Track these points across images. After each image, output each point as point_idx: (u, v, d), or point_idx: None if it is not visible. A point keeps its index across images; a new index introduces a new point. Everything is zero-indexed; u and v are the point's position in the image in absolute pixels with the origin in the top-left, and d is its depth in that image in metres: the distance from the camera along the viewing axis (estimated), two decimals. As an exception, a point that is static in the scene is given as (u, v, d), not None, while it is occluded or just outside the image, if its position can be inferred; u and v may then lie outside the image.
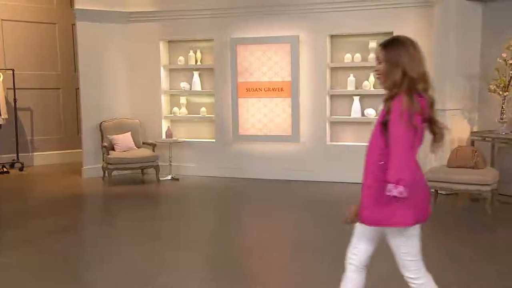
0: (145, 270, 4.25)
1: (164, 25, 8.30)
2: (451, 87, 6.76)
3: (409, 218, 2.51)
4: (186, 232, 5.50)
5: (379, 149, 2.50)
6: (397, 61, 2.46)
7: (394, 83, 2.47)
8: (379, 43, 2.62)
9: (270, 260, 4.61)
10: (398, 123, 2.39)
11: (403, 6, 7.21)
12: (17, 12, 9.38)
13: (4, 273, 4.22)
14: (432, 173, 6.15)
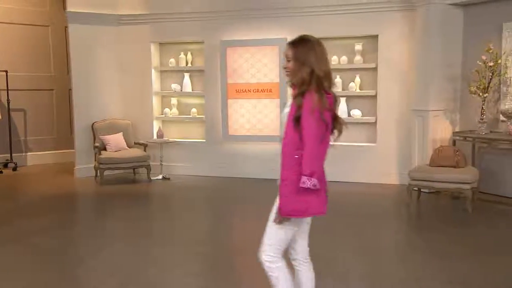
0: (133, 266, 4.27)
1: (155, 28, 8.31)
2: (434, 88, 6.85)
3: (322, 207, 2.67)
4: (175, 230, 5.53)
5: (294, 144, 2.56)
6: (305, 60, 2.55)
7: (302, 80, 2.54)
8: (288, 42, 2.68)
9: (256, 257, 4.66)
10: (310, 119, 2.48)
11: (387, 10, 7.27)
12: (11, 14, 9.35)
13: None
14: (414, 172, 6.24)
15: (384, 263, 4.36)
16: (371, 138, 7.70)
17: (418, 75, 6.98)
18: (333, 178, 3.23)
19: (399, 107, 7.38)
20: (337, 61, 7.68)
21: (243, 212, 6.33)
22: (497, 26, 6.42)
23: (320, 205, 2.66)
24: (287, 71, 2.65)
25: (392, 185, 7.40)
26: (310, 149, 2.51)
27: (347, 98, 7.71)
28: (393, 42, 7.33)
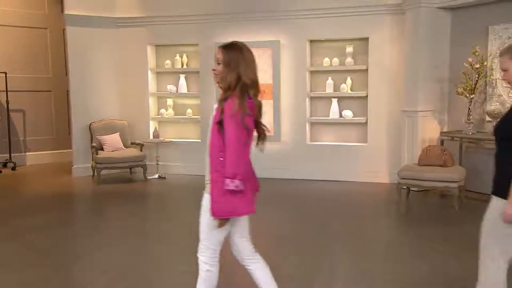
0: (127, 264, 4.30)
1: (151, 30, 8.34)
2: (422, 90, 6.91)
3: (250, 207, 2.69)
4: (170, 228, 5.55)
5: (218, 147, 2.60)
6: (234, 66, 2.57)
7: (229, 85, 2.58)
8: (219, 45, 2.68)
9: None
10: (231, 122, 2.52)
11: (378, 13, 7.33)
12: (10, 17, 9.36)
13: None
14: (403, 171, 6.30)
15: (372, 259, 4.40)
16: (362, 138, 7.76)
17: (407, 77, 7.04)
18: (324, 177, 3.28)
19: (389, 108, 7.44)
20: (329, 63, 7.74)
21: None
22: (483, 29, 6.48)
23: (247, 205, 2.67)
24: (215, 74, 2.66)
25: (382, 183, 7.45)
26: (231, 152, 2.54)
27: (339, 99, 7.77)
28: (383, 44, 7.39)
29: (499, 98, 6.33)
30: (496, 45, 6.33)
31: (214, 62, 2.65)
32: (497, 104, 6.28)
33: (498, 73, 6.34)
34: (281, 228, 5.50)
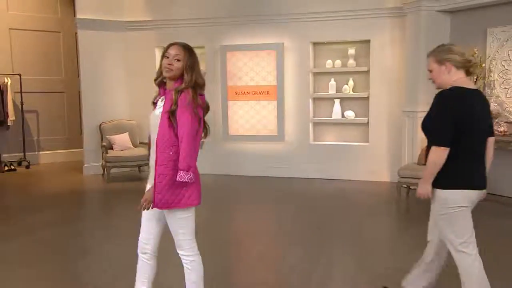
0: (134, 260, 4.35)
1: (159, 33, 8.36)
2: (423, 91, 6.85)
3: (197, 199, 2.71)
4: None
5: (168, 141, 2.60)
6: (194, 67, 2.65)
7: (185, 81, 2.62)
8: (182, 44, 2.72)
9: (248, 246, 4.74)
10: (186, 113, 2.56)
11: (379, 16, 7.32)
12: (25, 21, 9.46)
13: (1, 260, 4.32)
14: (403, 170, 6.29)
15: (370, 254, 4.40)
16: (364, 137, 7.75)
17: (408, 78, 7.03)
18: (327, 176, 3.29)
19: (390, 108, 7.43)
20: (331, 65, 7.74)
21: (240, 206, 6.40)
22: (482, 32, 6.45)
23: (195, 197, 2.70)
24: (171, 68, 2.64)
25: (383, 182, 7.44)
26: (186, 144, 2.55)
27: (341, 99, 7.77)
28: (384, 46, 7.38)
29: (497, 99, 6.29)
30: (495, 47, 6.30)
31: (170, 58, 2.64)
32: (495, 105, 6.24)
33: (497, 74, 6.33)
34: (283, 224, 5.52)
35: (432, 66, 2.86)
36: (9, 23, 9.44)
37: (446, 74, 2.87)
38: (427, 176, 2.84)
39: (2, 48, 9.24)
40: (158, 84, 2.76)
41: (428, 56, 2.90)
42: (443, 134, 2.76)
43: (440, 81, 2.91)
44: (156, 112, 2.70)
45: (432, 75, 2.88)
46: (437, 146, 2.78)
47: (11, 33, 9.44)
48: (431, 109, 2.89)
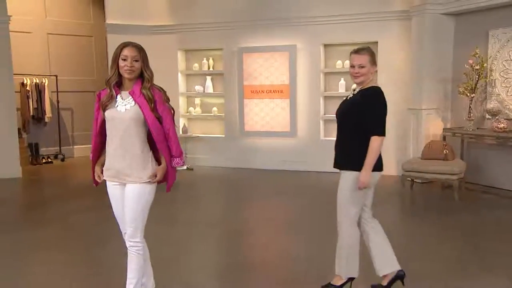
0: (151, 245, 4.43)
1: (181, 37, 8.44)
2: (427, 89, 6.81)
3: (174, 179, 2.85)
4: (196, 212, 5.65)
5: (163, 133, 2.67)
6: (148, 63, 2.71)
7: (148, 79, 2.68)
8: (134, 45, 2.73)
9: (260, 235, 4.78)
10: (166, 107, 2.68)
11: (386, 19, 7.25)
12: (61, 27, 9.68)
13: (34, 244, 4.45)
14: (408, 164, 6.24)
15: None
16: (371, 134, 7.69)
17: (413, 78, 6.95)
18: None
19: (396, 106, 7.31)
20: (341, 65, 7.69)
21: (256, 198, 6.44)
22: (484, 33, 6.33)
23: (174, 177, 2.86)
24: (133, 70, 2.66)
25: (390, 176, 7.34)
26: (173, 134, 2.70)
27: (350, 98, 7.73)
28: (391, 48, 7.30)
29: (498, 97, 6.17)
30: (496, 48, 6.18)
31: (128, 59, 2.65)
32: (496, 103, 6.13)
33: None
34: (294, 214, 5.54)
35: (366, 63, 2.96)
36: (47, 29, 9.67)
37: (371, 74, 3.02)
38: (370, 164, 3.01)
39: (41, 52, 9.48)
40: (112, 84, 2.68)
41: (362, 53, 2.99)
42: (383, 125, 3.04)
43: (365, 79, 3.02)
44: (121, 109, 2.65)
45: (363, 71, 2.97)
46: (378, 136, 2.99)
47: (48, 38, 9.67)
48: (371, 104, 2.99)
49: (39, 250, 4.26)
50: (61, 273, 3.69)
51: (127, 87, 2.71)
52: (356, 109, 3.01)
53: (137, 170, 2.68)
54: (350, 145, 3.06)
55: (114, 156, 2.70)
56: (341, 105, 3.16)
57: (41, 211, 5.66)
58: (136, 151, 2.67)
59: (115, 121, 2.66)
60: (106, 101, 2.68)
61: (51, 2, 9.75)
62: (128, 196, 2.71)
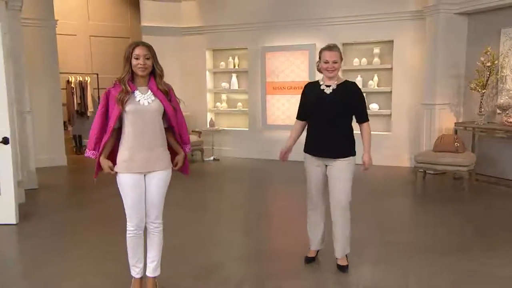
0: (178, 228, 4.55)
1: (209, 37, 8.55)
2: (440, 85, 6.73)
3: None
4: (221, 198, 5.79)
5: (182, 123, 2.84)
6: (157, 60, 2.74)
7: (160, 74, 2.74)
8: (145, 44, 2.73)
9: (279, 219, 4.90)
10: (176, 100, 2.80)
11: (401, 19, 7.17)
12: (102, 29, 10.00)
13: (77, 222, 4.68)
14: (419, 156, 6.19)
15: (389, 228, 4.40)
16: (387, 127, 7.66)
17: (427, 74, 6.87)
18: (356, 161, 3.42)
19: (411, 102, 7.30)
20: (358, 63, 7.67)
21: (276, 186, 6.52)
22: (496, 32, 6.19)
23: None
24: (146, 67, 2.68)
25: (404, 167, 7.35)
26: (185, 123, 2.86)
27: (367, 94, 7.66)
28: (406, 46, 7.23)
29: (508, 93, 6.04)
30: (507, 46, 6.04)
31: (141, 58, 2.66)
32: (507, 98, 6.01)
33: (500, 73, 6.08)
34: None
35: (338, 59, 3.13)
36: (90, 31, 10.01)
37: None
38: (370, 147, 3.30)
39: (84, 52, 9.83)
40: (126, 81, 2.68)
41: (334, 50, 3.13)
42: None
43: (337, 73, 3.19)
44: (144, 102, 2.67)
45: (336, 65, 3.13)
46: (368, 122, 3.29)
47: (91, 40, 10.01)
48: (360, 96, 3.24)
49: (81, 228, 4.49)
50: (99, 248, 3.88)
51: (140, 83, 2.72)
52: (346, 101, 3.15)
53: (162, 158, 2.76)
54: (345, 134, 3.19)
55: (139, 147, 2.67)
56: (322, 99, 3.17)
57: (83, 195, 5.91)
58: (160, 140, 2.74)
59: (140, 114, 2.65)
60: (123, 97, 2.64)
61: (93, 8, 10.07)
62: (154, 183, 2.75)
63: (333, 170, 3.20)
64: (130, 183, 2.72)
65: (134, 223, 2.78)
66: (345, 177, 3.19)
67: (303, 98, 3.32)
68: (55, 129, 7.75)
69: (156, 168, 2.75)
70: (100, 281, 3.22)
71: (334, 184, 3.22)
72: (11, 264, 3.73)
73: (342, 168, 3.18)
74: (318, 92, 3.21)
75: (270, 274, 3.29)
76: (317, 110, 3.18)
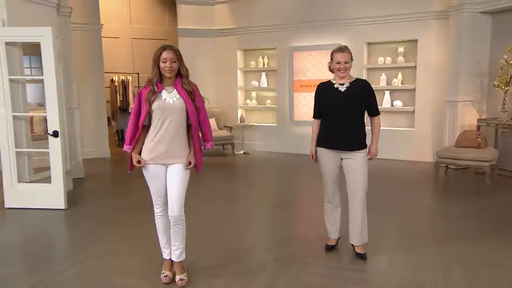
0: (208, 215, 4.67)
1: (240, 38, 8.62)
2: (464, 83, 6.55)
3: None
4: (251, 189, 5.86)
5: (198, 120, 2.82)
6: (183, 62, 2.79)
7: (186, 75, 2.79)
8: (171, 48, 2.80)
9: (305, 208, 4.94)
10: (201, 99, 2.81)
11: (425, 19, 7.01)
12: (142, 32, 10.24)
13: (117, 209, 4.87)
14: (442, 151, 6.08)
15: (411, 219, 4.35)
16: (410, 123, 7.52)
17: (451, 72, 6.70)
18: (379, 156, 3.47)
19: (434, 98, 7.14)
20: (383, 61, 7.56)
21: (302, 179, 6.53)
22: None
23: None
24: (172, 70, 2.76)
25: (426, 162, 7.20)
26: (208, 122, 2.88)
27: (391, 91, 7.58)
28: (430, 45, 7.07)
29: (532, 89, 5.83)
30: (532, 43, 5.82)
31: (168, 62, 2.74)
32: (530, 95, 5.80)
33: None
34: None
35: (349, 60, 3.20)
36: (132, 34, 10.28)
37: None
38: (378, 139, 3.38)
39: (126, 53, 10.11)
40: (155, 82, 2.77)
41: (346, 51, 3.20)
42: None
43: (348, 72, 3.24)
44: (170, 101, 2.76)
45: (348, 66, 3.19)
46: (379, 115, 3.36)
47: (132, 42, 10.29)
48: (372, 92, 3.29)
49: (122, 213, 4.69)
50: (136, 232, 4.04)
51: (167, 83, 2.81)
52: (360, 97, 3.22)
53: (183, 152, 2.83)
54: (360, 128, 3.23)
55: (162, 141, 2.77)
56: (338, 97, 3.21)
57: (123, 184, 6.11)
58: (182, 135, 2.82)
59: (165, 111, 2.75)
60: (151, 96, 2.75)
61: (135, 12, 10.34)
62: (175, 175, 2.81)
63: (351, 162, 3.24)
64: (152, 172, 2.85)
65: (159, 205, 2.93)
66: (363, 167, 3.24)
67: (318, 97, 3.35)
68: (100, 124, 8.02)
69: (176, 161, 2.82)
70: (137, 261, 3.37)
71: (353, 175, 3.25)
72: (61, 243, 3.96)
73: (360, 159, 3.23)
74: (333, 91, 3.26)
75: (292, 260, 3.34)
76: (334, 107, 3.23)
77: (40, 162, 5.31)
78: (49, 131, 4.62)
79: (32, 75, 6.27)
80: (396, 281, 2.98)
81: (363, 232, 3.32)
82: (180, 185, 2.81)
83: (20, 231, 4.19)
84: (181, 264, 2.98)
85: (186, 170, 2.84)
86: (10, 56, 4.62)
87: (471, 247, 3.57)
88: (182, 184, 2.82)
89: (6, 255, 3.54)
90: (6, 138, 4.68)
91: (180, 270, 2.97)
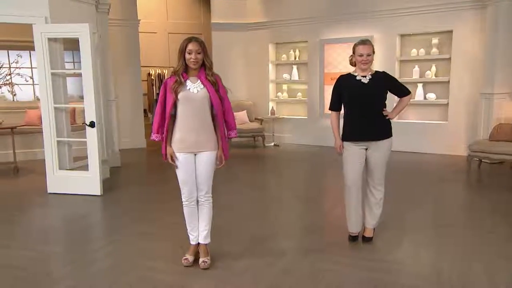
0: (235, 203, 4.75)
1: (272, 31, 8.64)
2: (500, 75, 6.29)
3: None
4: (280, 179, 5.93)
5: (222, 109, 2.89)
6: (207, 54, 2.85)
7: (210, 67, 2.84)
8: (197, 40, 2.84)
9: (327, 200, 4.95)
10: (224, 89, 2.85)
11: (461, 9, 6.76)
12: (177, 27, 10.49)
13: (151, 196, 5.06)
14: (475, 145, 5.91)
15: (443, 214, 4.29)
16: (443, 117, 7.30)
17: (487, 64, 6.44)
18: (411, 149, 3.48)
19: (468, 91, 6.90)
20: (415, 53, 7.36)
21: (328, 170, 6.53)
22: (563, 18, 5.65)
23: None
24: (197, 61, 2.83)
25: (460, 156, 6.97)
26: (232, 112, 2.95)
27: (424, 84, 7.39)
28: (465, 36, 6.81)
29: None
30: None
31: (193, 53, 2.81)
32: None
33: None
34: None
35: (371, 52, 3.21)
36: (168, 29, 10.56)
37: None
38: (399, 112, 3.45)
39: (163, 48, 10.40)
40: (180, 73, 2.85)
41: (368, 44, 3.21)
42: None
43: (370, 65, 3.28)
44: (194, 90, 2.85)
45: (370, 58, 3.22)
46: (410, 94, 3.38)
47: (169, 36, 10.56)
48: (393, 78, 3.38)
49: (154, 200, 4.87)
50: (167, 217, 4.19)
51: (192, 74, 2.88)
52: (384, 86, 3.26)
53: (210, 140, 2.93)
54: (383, 118, 3.26)
55: (189, 130, 2.86)
56: (362, 88, 3.24)
57: (157, 173, 6.32)
58: (208, 124, 2.91)
59: (190, 100, 2.84)
60: (177, 86, 2.83)
61: (171, 7, 10.60)
62: (203, 161, 2.93)
63: (377, 152, 3.28)
64: (181, 162, 2.94)
65: (186, 195, 3.02)
66: (386, 156, 3.32)
67: (339, 89, 3.36)
68: (137, 116, 8.30)
69: (204, 149, 2.93)
70: (164, 245, 3.53)
71: (376, 164, 3.31)
72: (96, 226, 4.20)
73: (385, 148, 3.31)
74: (355, 83, 3.28)
75: (313, 248, 3.38)
76: (358, 99, 3.24)
77: (80, 151, 5.62)
78: (86, 122, 4.88)
79: (73, 69, 6.61)
80: (417, 270, 2.97)
81: (379, 216, 3.45)
82: (209, 169, 2.97)
83: (60, 215, 4.49)
84: (206, 247, 3.11)
85: (215, 154, 2.97)
86: (52, 51, 4.91)
87: (495, 240, 3.48)
88: (211, 168, 2.98)
89: (49, 236, 3.83)
90: (49, 128, 5.00)
91: (204, 253, 3.10)
